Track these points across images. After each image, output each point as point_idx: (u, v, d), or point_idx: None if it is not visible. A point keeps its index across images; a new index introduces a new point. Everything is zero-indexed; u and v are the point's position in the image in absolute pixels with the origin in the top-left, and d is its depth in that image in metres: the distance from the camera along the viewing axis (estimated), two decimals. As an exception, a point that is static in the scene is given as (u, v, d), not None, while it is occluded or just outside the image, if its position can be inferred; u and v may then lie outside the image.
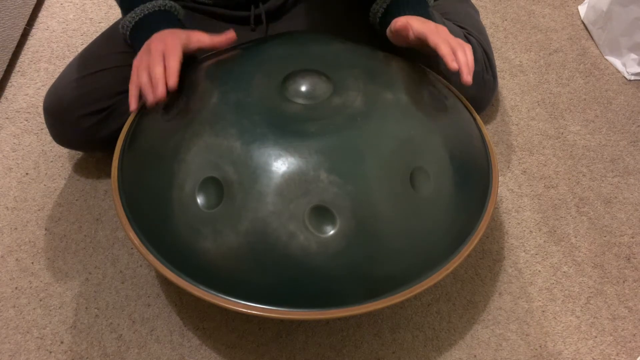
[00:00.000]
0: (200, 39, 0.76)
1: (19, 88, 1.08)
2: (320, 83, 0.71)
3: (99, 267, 0.85)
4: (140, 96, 0.73)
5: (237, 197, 0.62)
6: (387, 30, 0.80)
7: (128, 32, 0.81)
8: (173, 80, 0.70)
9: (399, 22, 0.75)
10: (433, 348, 0.78)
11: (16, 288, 0.82)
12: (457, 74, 0.72)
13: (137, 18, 0.79)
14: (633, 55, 1.15)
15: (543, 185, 0.97)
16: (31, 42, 1.17)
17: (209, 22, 0.91)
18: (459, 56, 0.72)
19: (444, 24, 0.94)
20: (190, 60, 0.83)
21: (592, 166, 1.00)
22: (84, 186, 0.94)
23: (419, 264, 0.64)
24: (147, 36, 0.76)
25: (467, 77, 0.72)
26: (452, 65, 0.71)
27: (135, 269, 0.84)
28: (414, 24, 0.75)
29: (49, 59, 1.14)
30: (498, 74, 1.14)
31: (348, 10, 0.92)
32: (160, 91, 0.70)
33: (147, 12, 0.79)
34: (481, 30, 1.02)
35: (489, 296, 0.83)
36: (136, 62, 0.74)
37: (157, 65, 0.71)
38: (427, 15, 0.80)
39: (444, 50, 0.72)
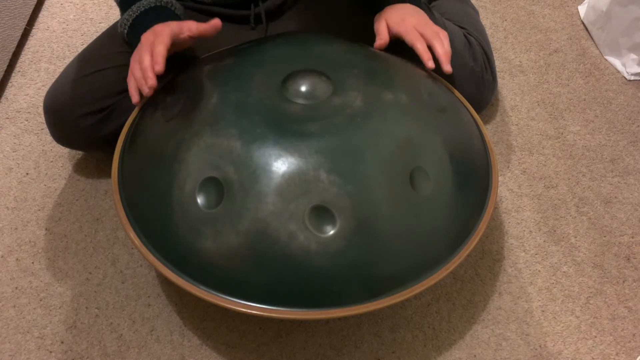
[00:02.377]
0: (190, 27, 0.76)
1: (19, 88, 1.08)
2: (320, 83, 0.72)
3: (99, 267, 0.85)
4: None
5: (237, 197, 0.63)
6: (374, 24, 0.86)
7: (126, 30, 0.81)
8: (159, 65, 0.71)
9: (378, 27, 0.83)
10: (433, 348, 0.78)
11: (16, 288, 0.82)
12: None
13: (135, 15, 0.79)
14: (633, 56, 1.15)
15: (543, 185, 0.97)
16: (31, 42, 1.17)
17: (209, 21, 0.91)
18: (437, 48, 0.78)
19: (443, 24, 0.94)
20: (188, 59, 0.83)
21: (592, 166, 1.00)
22: (85, 186, 0.94)
23: (419, 264, 0.64)
24: (144, 32, 0.77)
25: (447, 66, 0.78)
26: (429, 64, 0.78)
27: (136, 269, 0.84)
28: (391, 25, 0.82)
29: (49, 59, 1.14)
30: (498, 74, 1.14)
31: (348, 10, 0.92)
32: (150, 80, 0.71)
33: (143, 8, 0.79)
34: (481, 30, 1.02)
35: (488, 296, 0.83)
36: (132, 58, 0.76)
37: (145, 56, 0.72)
38: (415, 2, 0.85)
39: (420, 48, 0.78)
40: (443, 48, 0.78)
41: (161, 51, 0.71)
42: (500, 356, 0.78)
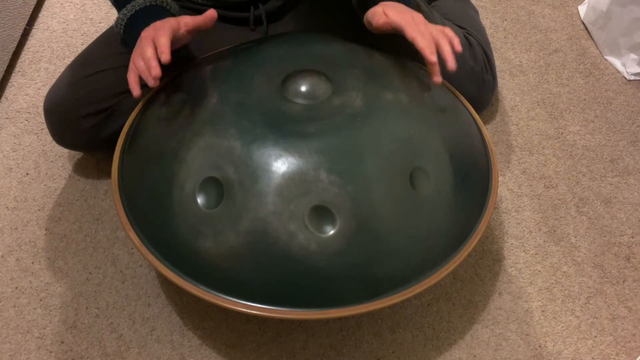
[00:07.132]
0: (187, 22, 0.76)
1: (19, 88, 1.08)
2: (320, 83, 0.72)
3: (99, 267, 0.85)
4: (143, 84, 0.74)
5: (237, 197, 0.63)
6: (364, 19, 0.81)
7: (122, 30, 0.81)
8: (165, 55, 0.70)
9: (379, 19, 0.77)
10: (433, 348, 0.78)
11: (16, 288, 0.82)
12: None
13: (129, 14, 0.79)
14: (633, 55, 1.15)
15: (543, 185, 0.97)
16: (31, 42, 1.17)
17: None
18: (442, 47, 0.73)
19: (443, 24, 0.94)
20: (188, 58, 0.83)
21: (592, 166, 1.01)
22: (84, 186, 0.94)
23: (419, 264, 0.64)
24: (141, 31, 0.76)
25: (452, 64, 0.73)
26: (431, 58, 0.72)
27: (136, 269, 0.85)
28: (390, 15, 0.76)
29: (49, 59, 1.14)
30: (498, 74, 1.14)
31: (348, 10, 0.92)
32: (154, 70, 0.70)
33: (138, 7, 0.79)
34: (481, 30, 1.02)
35: (488, 296, 0.83)
36: (132, 54, 0.75)
37: (148, 48, 0.71)
38: (405, 1, 0.81)
39: (422, 43, 0.73)
40: (449, 47, 0.74)
41: (166, 42, 0.71)
42: (500, 356, 0.78)
